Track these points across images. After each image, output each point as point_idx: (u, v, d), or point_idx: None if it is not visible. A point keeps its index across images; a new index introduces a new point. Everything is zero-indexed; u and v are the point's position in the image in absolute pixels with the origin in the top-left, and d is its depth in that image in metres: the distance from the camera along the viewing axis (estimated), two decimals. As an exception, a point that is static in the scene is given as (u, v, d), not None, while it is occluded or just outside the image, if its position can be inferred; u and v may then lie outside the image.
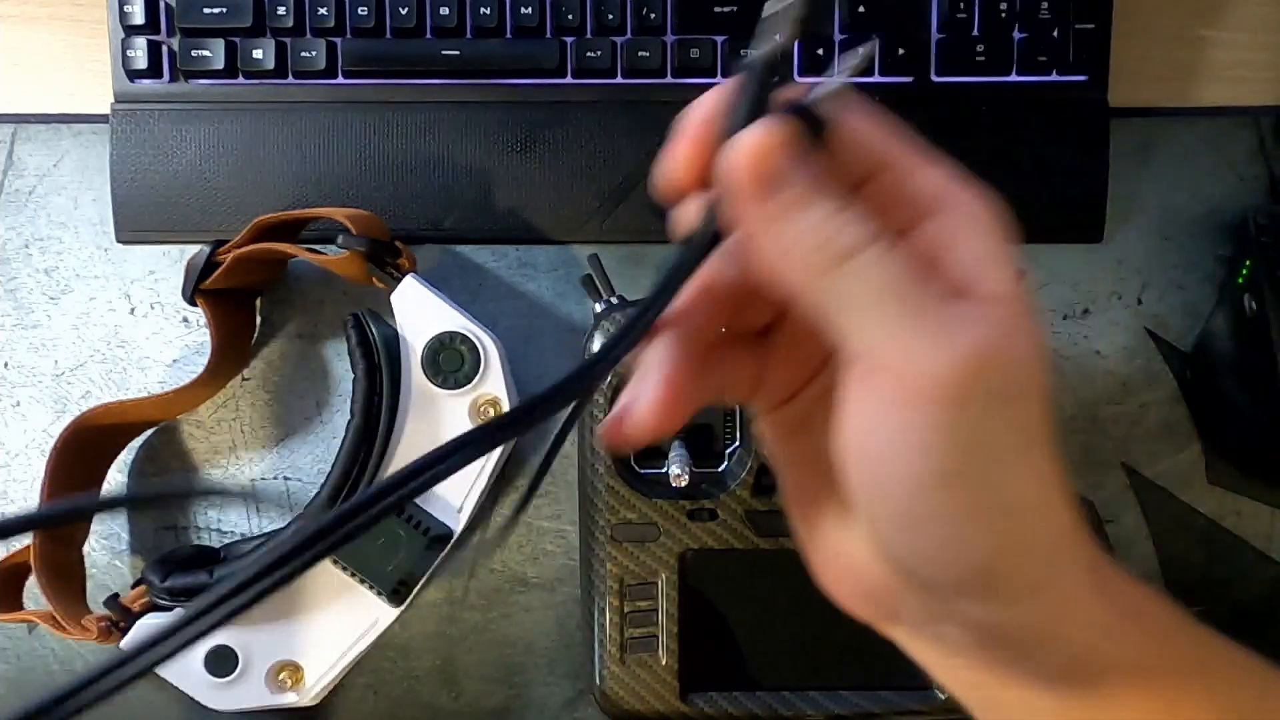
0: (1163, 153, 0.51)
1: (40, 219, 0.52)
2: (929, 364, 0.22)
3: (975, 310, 0.23)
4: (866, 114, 0.25)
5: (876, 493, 0.24)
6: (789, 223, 0.23)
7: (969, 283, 0.24)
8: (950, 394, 0.22)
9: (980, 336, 0.22)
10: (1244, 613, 0.51)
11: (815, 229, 0.23)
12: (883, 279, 0.23)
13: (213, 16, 0.49)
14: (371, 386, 0.46)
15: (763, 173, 0.23)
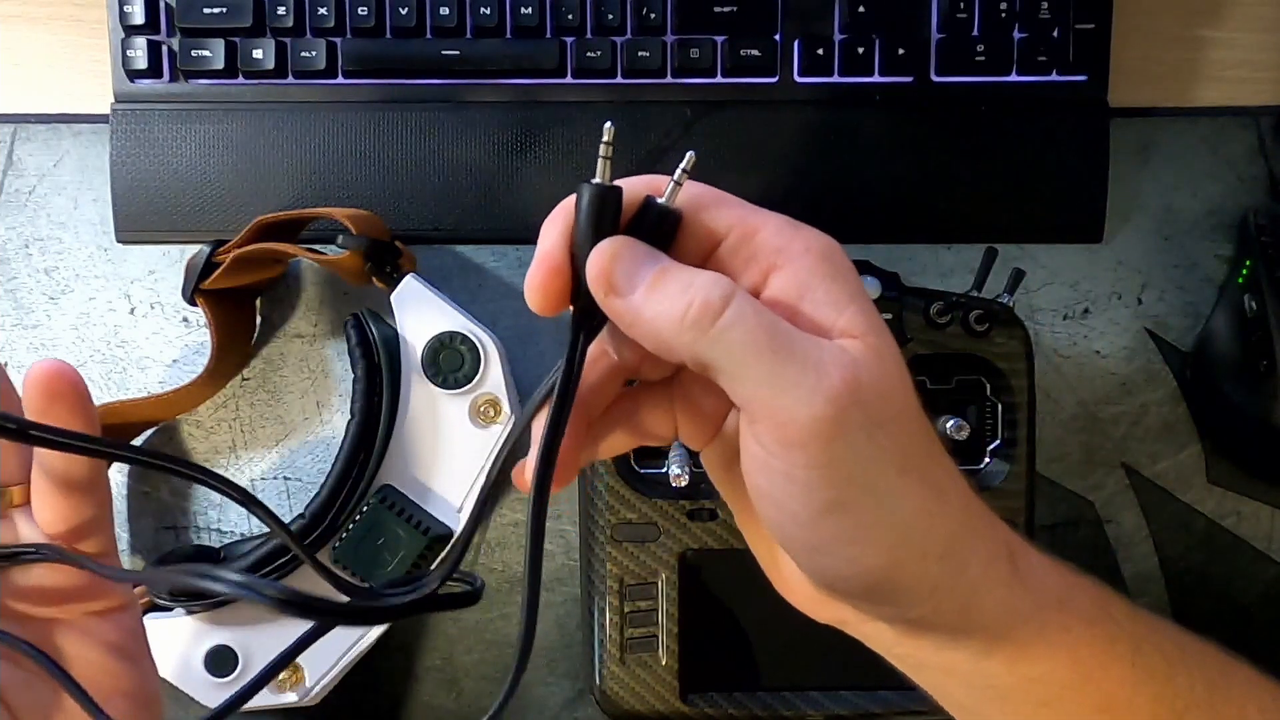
0: (1163, 153, 0.51)
1: (40, 219, 0.52)
2: (798, 411, 0.25)
3: (834, 350, 0.26)
4: (707, 197, 0.28)
5: (778, 527, 0.27)
6: (653, 304, 0.26)
7: (826, 324, 0.26)
8: (821, 435, 0.25)
9: (841, 376, 0.25)
10: (1244, 613, 0.51)
11: (676, 301, 0.26)
12: (745, 337, 0.25)
13: (213, 16, 0.49)
14: (371, 386, 0.46)
15: (618, 279, 0.26)
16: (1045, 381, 0.50)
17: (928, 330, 0.41)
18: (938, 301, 0.41)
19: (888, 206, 0.50)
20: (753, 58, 0.49)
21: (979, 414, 0.43)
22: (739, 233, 0.27)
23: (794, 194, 0.50)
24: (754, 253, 0.27)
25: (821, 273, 0.27)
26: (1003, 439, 0.42)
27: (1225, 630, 0.51)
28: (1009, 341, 0.42)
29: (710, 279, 0.26)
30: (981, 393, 0.43)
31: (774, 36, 0.49)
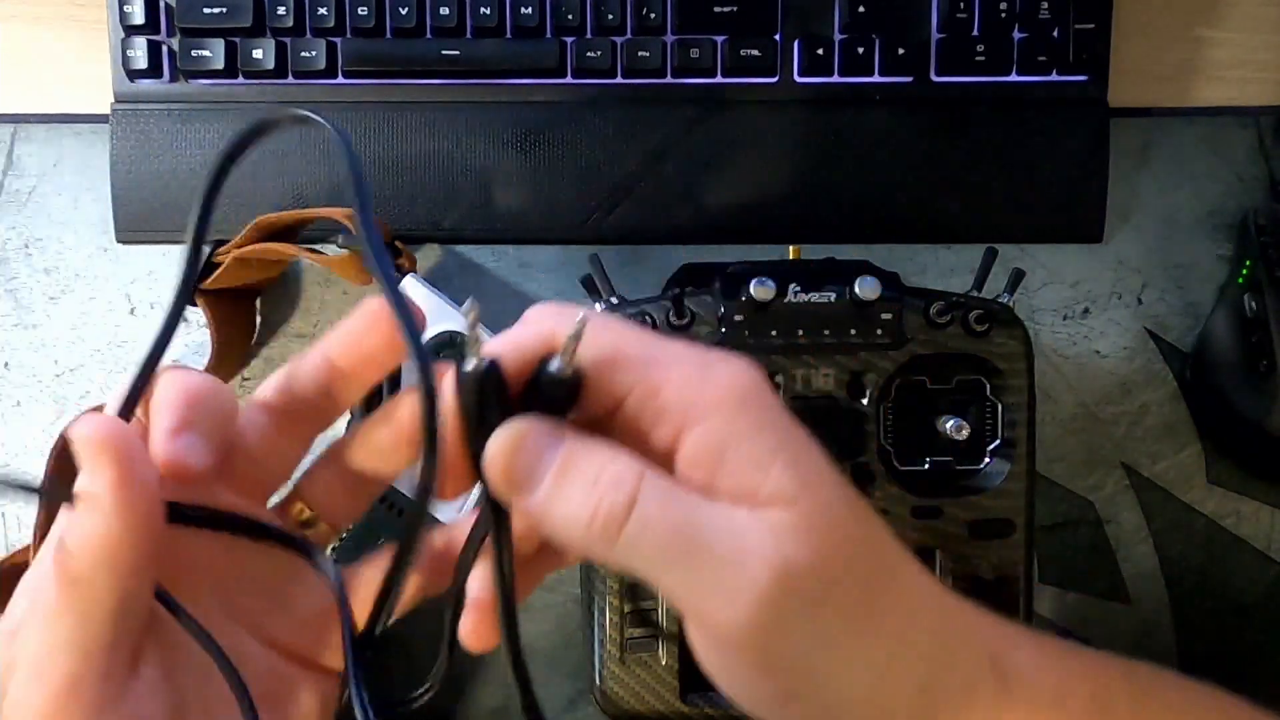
0: (1163, 153, 0.51)
1: (40, 219, 0.52)
2: (725, 615, 0.23)
3: (757, 535, 0.24)
4: (604, 354, 0.26)
5: (736, 703, 0.26)
6: (559, 506, 0.24)
7: (750, 489, 0.24)
8: (754, 637, 0.23)
9: (768, 567, 0.23)
10: (1244, 613, 0.51)
11: (581, 505, 0.24)
12: (654, 545, 0.23)
13: (213, 16, 0.49)
14: (371, 386, 0.46)
15: (518, 475, 0.25)
16: (1045, 381, 0.50)
17: (928, 330, 0.41)
18: (938, 301, 0.41)
19: (888, 206, 0.50)
20: (753, 58, 0.49)
21: (979, 414, 0.43)
22: (642, 390, 0.25)
23: (794, 194, 0.50)
24: (661, 409, 0.25)
25: (739, 428, 0.24)
26: (1003, 439, 0.42)
27: (1225, 630, 0.51)
28: (1009, 341, 0.42)
29: (613, 476, 0.24)
30: (981, 393, 0.43)
31: (774, 36, 0.49)
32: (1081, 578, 0.51)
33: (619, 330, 0.26)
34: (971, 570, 0.42)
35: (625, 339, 0.26)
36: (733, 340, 0.41)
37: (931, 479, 0.43)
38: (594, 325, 0.25)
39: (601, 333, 0.26)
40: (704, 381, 0.25)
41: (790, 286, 0.41)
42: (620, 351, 0.26)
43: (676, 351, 0.26)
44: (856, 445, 0.41)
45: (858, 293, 0.40)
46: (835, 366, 0.41)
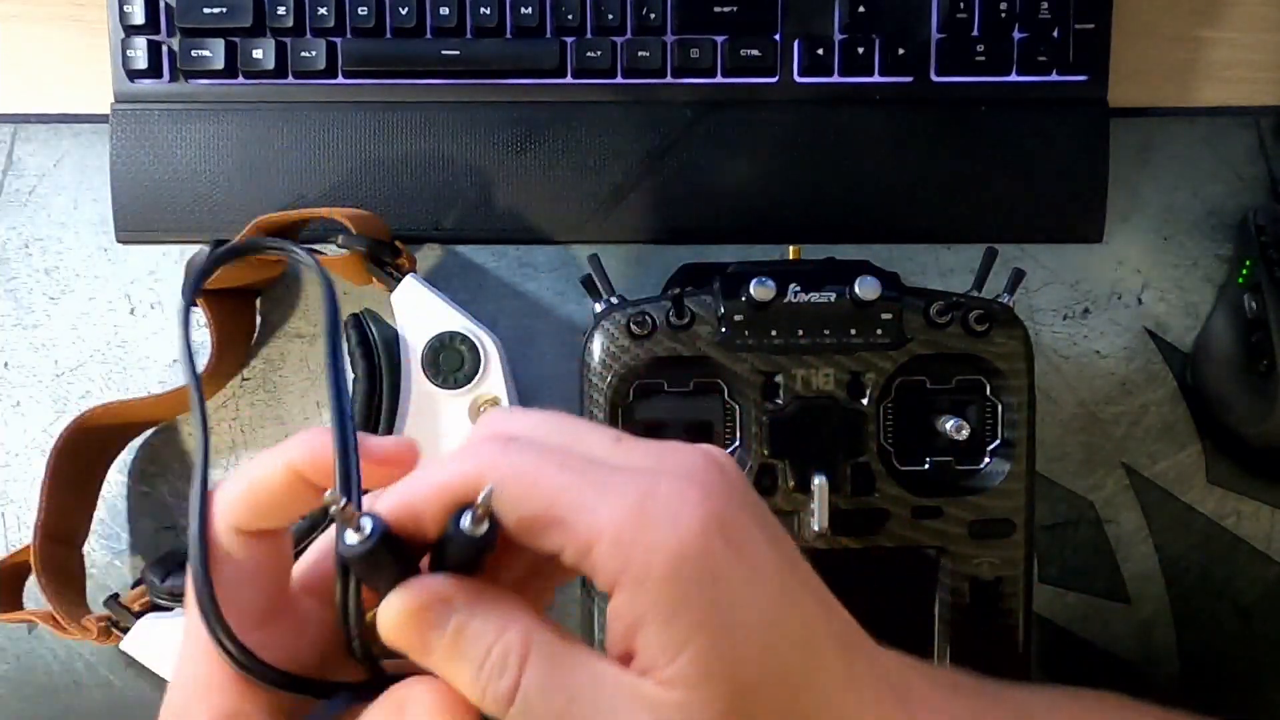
0: (1163, 153, 0.51)
1: (40, 219, 0.52)
2: None
3: (641, 708, 0.23)
4: (526, 513, 0.24)
5: None
6: (453, 674, 0.24)
7: (653, 668, 0.24)
8: None
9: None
10: (1244, 613, 0.51)
11: (471, 679, 0.24)
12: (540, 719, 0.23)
13: (213, 16, 0.49)
14: (371, 386, 0.46)
15: (412, 643, 0.24)
16: (1045, 381, 0.50)
17: (928, 330, 0.41)
18: (938, 301, 0.41)
19: (888, 206, 0.50)
20: (753, 58, 0.49)
21: (979, 414, 0.43)
22: (573, 550, 0.24)
23: (794, 194, 0.50)
24: (595, 568, 0.24)
25: (659, 609, 0.23)
26: (1003, 439, 0.42)
27: (1225, 630, 0.51)
28: (1009, 341, 0.42)
29: (498, 657, 0.24)
30: (981, 393, 0.43)
31: (774, 36, 0.49)
32: (1081, 578, 0.51)
33: (545, 479, 0.24)
34: (971, 570, 0.42)
35: (553, 492, 0.24)
36: (733, 340, 0.41)
37: (931, 479, 0.43)
38: (517, 479, 0.24)
39: (526, 487, 0.24)
40: (634, 544, 0.23)
41: (790, 286, 0.41)
42: (548, 510, 0.24)
43: (614, 497, 0.24)
44: (856, 445, 0.41)
45: (858, 293, 0.40)
46: (835, 366, 0.41)
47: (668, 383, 0.42)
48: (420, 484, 0.25)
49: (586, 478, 0.24)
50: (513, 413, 0.28)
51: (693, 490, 0.24)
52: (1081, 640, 0.51)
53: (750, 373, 0.41)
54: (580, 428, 0.27)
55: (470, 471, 0.24)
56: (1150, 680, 0.50)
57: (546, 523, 0.24)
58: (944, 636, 0.42)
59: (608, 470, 0.25)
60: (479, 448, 0.25)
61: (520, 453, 0.25)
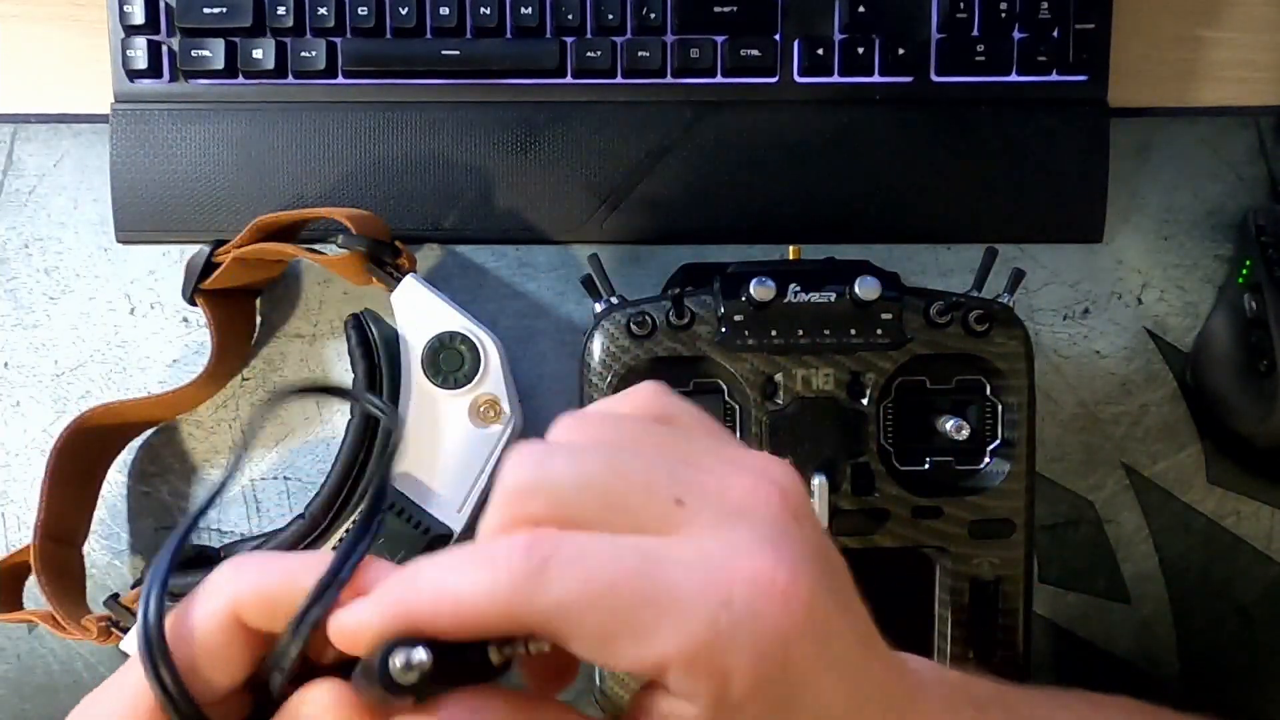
0: (1163, 153, 0.51)
1: (40, 219, 0.52)
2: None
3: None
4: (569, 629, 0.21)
5: None
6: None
7: None
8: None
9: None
10: (1244, 613, 0.51)
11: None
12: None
13: (213, 16, 0.49)
14: (371, 386, 0.46)
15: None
16: (1045, 381, 0.50)
17: (928, 330, 0.41)
18: (938, 301, 0.41)
19: (888, 206, 0.50)
20: (753, 58, 0.49)
21: (979, 414, 0.43)
22: (639, 668, 0.21)
23: (794, 194, 0.50)
24: (666, 684, 0.22)
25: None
26: (1003, 439, 0.42)
27: (1225, 630, 0.51)
28: (1009, 341, 0.42)
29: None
30: (981, 393, 0.43)
31: (774, 36, 0.49)
32: (1081, 578, 0.51)
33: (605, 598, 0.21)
34: (971, 570, 0.42)
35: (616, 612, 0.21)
36: (733, 340, 0.41)
37: (931, 479, 0.43)
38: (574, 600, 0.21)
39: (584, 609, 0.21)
40: (711, 667, 0.21)
41: (790, 286, 0.41)
42: (610, 635, 0.21)
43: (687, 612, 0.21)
44: (856, 445, 0.41)
45: (858, 293, 0.40)
46: (835, 366, 0.41)
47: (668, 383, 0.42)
48: (442, 593, 0.22)
49: (645, 596, 0.21)
50: (544, 453, 0.23)
51: (774, 588, 0.21)
52: (1081, 640, 0.51)
53: (750, 373, 0.41)
54: (639, 474, 0.23)
55: (501, 605, 0.21)
56: (1150, 680, 0.50)
57: (603, 653, 0.21)
58: (944, 637, 0.42)
59: (675, 569, 0.21)
60: (508, 563, 0.21)
61: (558, 582, 0.21)
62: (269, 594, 0.24)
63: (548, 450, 0.23)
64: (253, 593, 0.24)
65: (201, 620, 0.24)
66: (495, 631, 0.22)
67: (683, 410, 0.26)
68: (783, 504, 0.23)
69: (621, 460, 0.23)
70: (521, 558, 0.21)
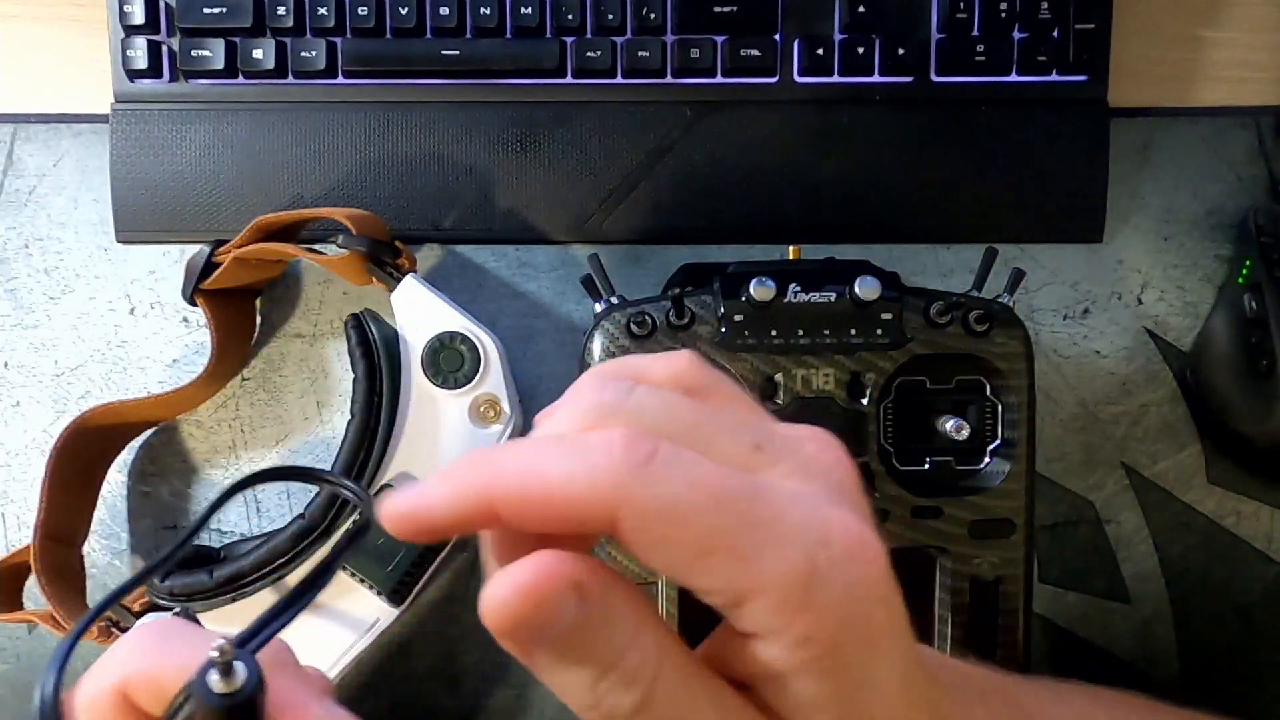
0: (1163, 153, 0.51)
1: (40, 219, 0.52)
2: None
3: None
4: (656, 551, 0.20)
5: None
6: (562, 674, 0.21)
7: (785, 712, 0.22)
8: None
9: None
10: (1244, 613, 0.51)
11: (589, 688, 0.21)
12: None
13: (213, 16, 0.49)
14: (371, 386, 0.46)
15: (516, 628, 0.20)
16: (1045, 381, 0.50)
17: (928, 330, 0.41)
18: (938, 301, 0.41)
19: (888, 206, 0.50)
20: (753, 58, 0.49)
21: (979, 414, 0.43)
22: (724, 597, 0.21)
23: (794, 194, 0.50)
24: (746, 615, 0.21)
25: (812, 671, 0.21)
26: (1003, 439, 0.42)
27: (1225, 630, 0.51)
28: (1009, 341, 0.42)
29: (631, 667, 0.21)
30: (981, 393, 0.43)
31: (774, 36, 0.49)
32: (1081, 578, 0.51)
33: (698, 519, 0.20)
34: (971, 570, 0.42)
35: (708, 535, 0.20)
36: (733, 340, 0.41)
37: (931, 479, 0.43)
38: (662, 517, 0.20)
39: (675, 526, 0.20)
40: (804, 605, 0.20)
41: (790, 286, 0.41)
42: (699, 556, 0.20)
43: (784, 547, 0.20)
44: (856, 445, 0.41)
45: (858, 293, 0.40)
46: (835, 366, 0.41)
47: (668, 383, 0.42)
48: (532, 476, 0.20)
49: (748, 517, 0.20)
50: (629, 384, 0.22)
51: (864, 543, 0.21)
52: (1081, 640, 0.51)
53: (750, 373, 0.41)
54: (716, 421, 0.22)
55: (601, 494, 0.20)
56: (1150, 680, 0.50)
57: (694, 568, 0.20)
58: (944, 637, 0.42)
59: (777, 500, 0.21)
60: (608, 453, 0.20)
61: (664, 481, 0.20)
62: (155, 677, 0.23)
63: (630, 383, 0.22)
64: (140, 675, 0.23)
65: (92, 699, 0.24)
66: (583, 527, 0.20)
67: (721, 385, 0.25)
68: (847, 468, 0.23)
69: (704, 402, 0.23)
70: (624, 449, 0.20)
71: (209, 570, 0.45)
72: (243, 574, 0.45)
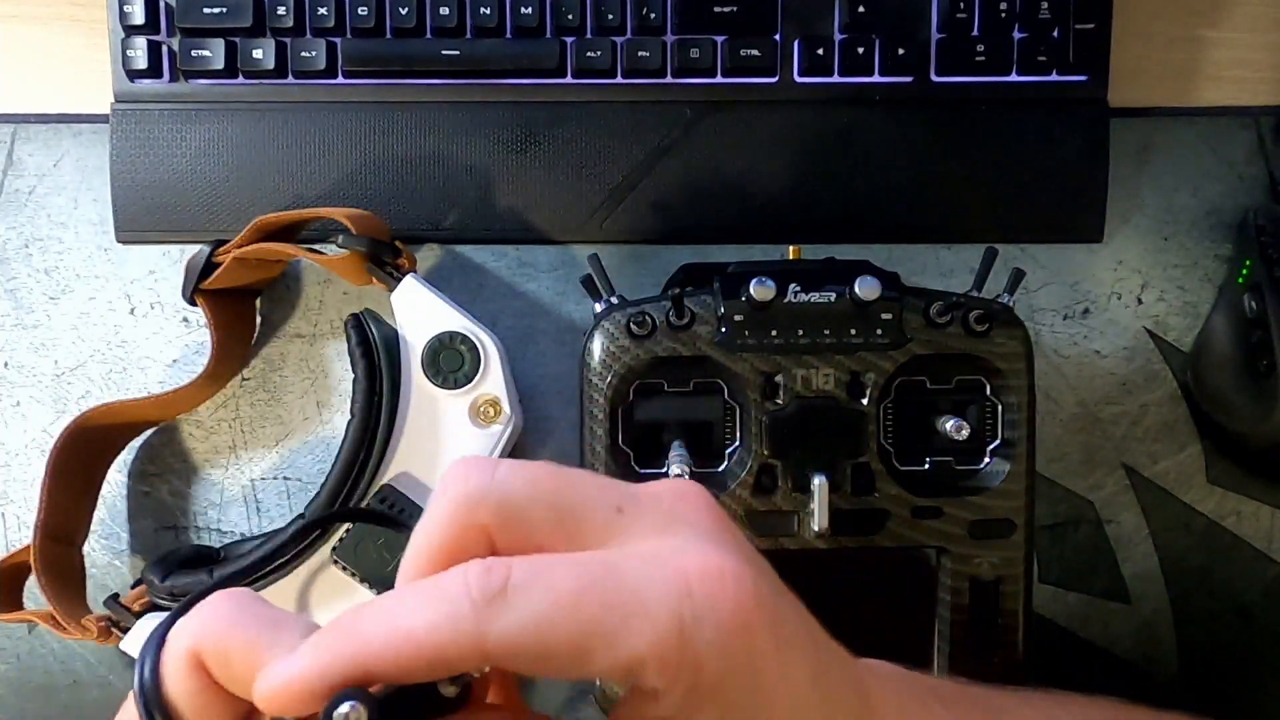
0: (1163, 153, 0.51)
1: (40, 219, 0.52)
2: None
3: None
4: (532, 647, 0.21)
5: None
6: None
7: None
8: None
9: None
10: (1244, 613, 0.51)
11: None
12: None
13: (213, 16, 0.49)
14: (371, 386, 0.46)
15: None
16: (1045, 381, 0.50)
17: (928, 330, 0.41)
18: (938, 301, 0.41)
19: (888, 206, 0.50)
20: (753, 58, 0.49)
21: (979, 414, 0.43)
22: (611, 674, 0.22)
23: (794, 194, 0.50)
24: (637, 683, 0.22)
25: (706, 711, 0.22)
26: (1003, 439, 0.42)
27: (1225, 630, 0.51)
28: (1009, 341, 0.42)
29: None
30: (981, 393, 0.43)
31: (774, 36, 0.49)
32: (1081, 578, 0.51)
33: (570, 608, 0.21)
34: (971, 570, 0.42)
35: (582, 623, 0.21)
36: (733, 340, 0.41)
37: (931, 479, 0.43)
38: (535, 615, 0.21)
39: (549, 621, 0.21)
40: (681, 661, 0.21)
41: (790, 286, 0.41)
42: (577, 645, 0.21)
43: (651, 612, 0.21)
44: (856, 445, 0.41)
45: (858, 293, 0.40)
46: (835, 366, 0.41)
47: (668, 383, 0.42)
48: (394, 634, 0.21)
49: (612, 602, 0.21)
50: (493, 463, 0.24)
51: (724, 576, 0.22)
52: (1081, 640, 0.51)
53: (750, 373, 0.41)
54: (579, 487, 0.24)
55: (466, 637, 0.21)
56: (1150, 680, 0.50)
57: (577, 667, 0.21)
58: (944, 637, 0.42)
59: (633, 572, 0.22)
60: (465, 595, 0.21)
61: (523, 604, 0.21)
62: (223, 651, 0.24)
63: (494, 461, 0.24)
64: (211, 643, 0.24)
65: (171, 655, 0.24)
66: (460, 667, 0.21)
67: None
68: (710, 509, 0.25)
69: (565, 472, 0.24)
70: (479, 584, 0.21)
71: (209, 570, 0.45)
72: (243, 574, 0.45)
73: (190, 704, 0.24)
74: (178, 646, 0.24)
